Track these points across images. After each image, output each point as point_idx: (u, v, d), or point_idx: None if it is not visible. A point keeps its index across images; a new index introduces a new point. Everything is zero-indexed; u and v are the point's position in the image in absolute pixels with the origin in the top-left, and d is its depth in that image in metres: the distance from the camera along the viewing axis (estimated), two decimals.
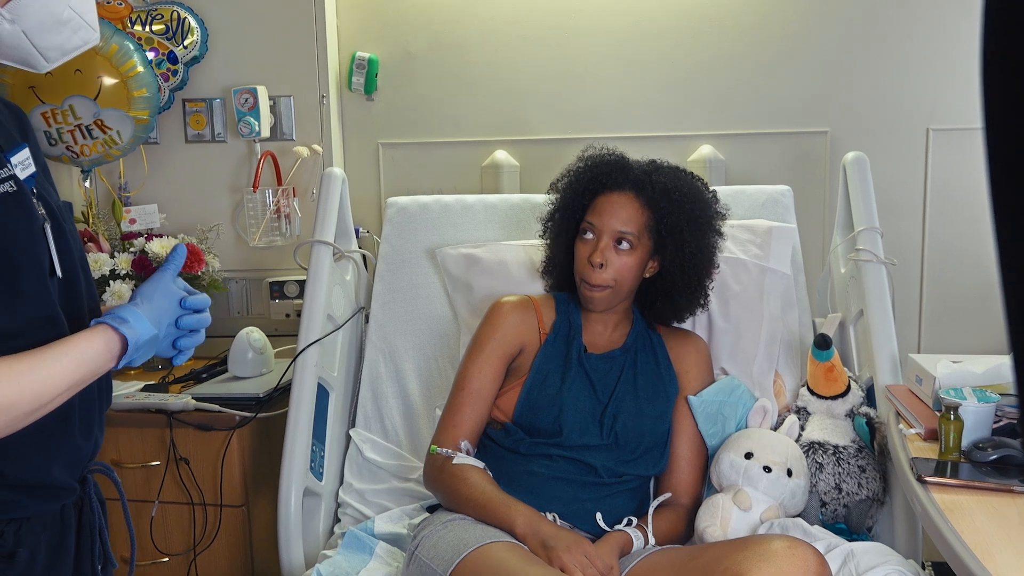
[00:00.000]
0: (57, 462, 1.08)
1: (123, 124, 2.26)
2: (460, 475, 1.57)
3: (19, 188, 1.03)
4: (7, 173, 1.02)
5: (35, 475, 1.05)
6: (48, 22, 1.04)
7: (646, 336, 1.75)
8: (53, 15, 1.04)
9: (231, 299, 2.54)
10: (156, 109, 2.34)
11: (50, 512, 1.09)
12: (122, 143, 2.29)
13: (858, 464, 1.64)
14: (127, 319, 1.06)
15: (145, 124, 2.32)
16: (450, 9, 2.44)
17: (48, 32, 1.05)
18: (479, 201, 2.12)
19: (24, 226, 1.03)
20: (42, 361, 0.99)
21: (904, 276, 2.31)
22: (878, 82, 2.35)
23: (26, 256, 1.03)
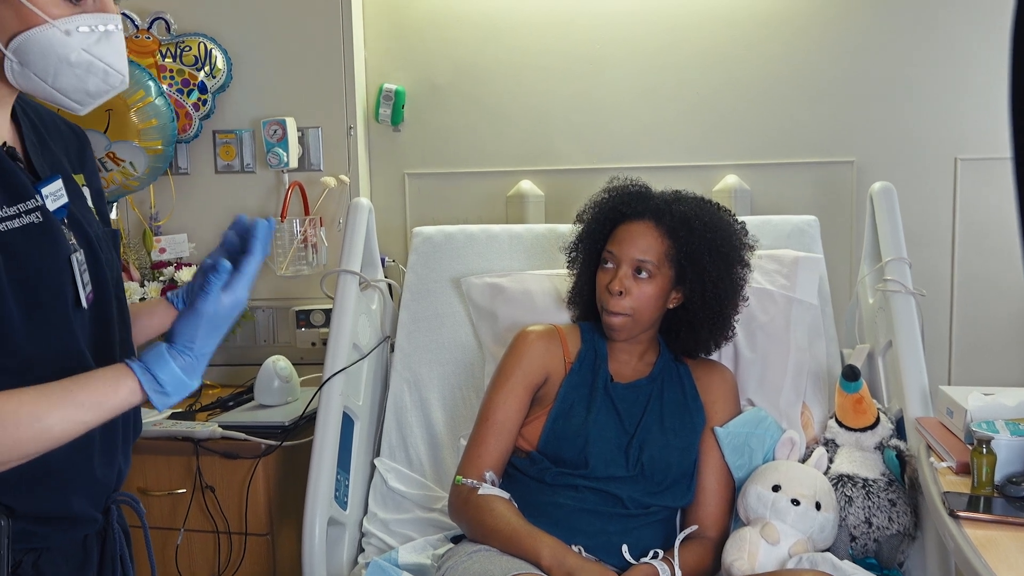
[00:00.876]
0: (75, 495, 1.07)
1: (135, 155, 2.28)
2: (485, 506, 1.56)
3: (46, 219, 1.03)
4: (34, 204, 1.03)
5: (51, 508, 1.05)
6: (56, 64, 1.02)
7: (673, 366, 1.75)
8: (59, 58, 1.02)
9: (258, 328, 2.56)
10: (171, 139, 2.36)
11: (71, 542, 1.08)
12: (138, 173, 2.31)
13: (888, 498, 1.61)
14: (159, 381, 0.99)
15: (160, 154, 2.34)
16: (475, 41, 2.47)
17: (60, 75, 1.03)
18: (504, 231, 2.13)
19: (49, 257, 1.03)
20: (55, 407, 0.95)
21: (933, 307, 2.29)
22: (905, 111, 2.35)
23: (49, 287, 1.02)
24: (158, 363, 0.99)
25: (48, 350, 1.02)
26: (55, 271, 1.03)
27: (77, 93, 1.06)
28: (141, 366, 0.99)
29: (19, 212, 1.00)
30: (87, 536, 1.11)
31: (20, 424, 0.92)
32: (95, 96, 1.07)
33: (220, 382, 2.51)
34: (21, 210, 1.00)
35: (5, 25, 1.00)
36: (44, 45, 1.01)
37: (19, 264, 0.99)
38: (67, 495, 1.06)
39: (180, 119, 2.42)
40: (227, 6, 2.47)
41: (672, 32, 2.40)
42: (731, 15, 2.38)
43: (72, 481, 1.06)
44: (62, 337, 1.04)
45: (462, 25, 2.47)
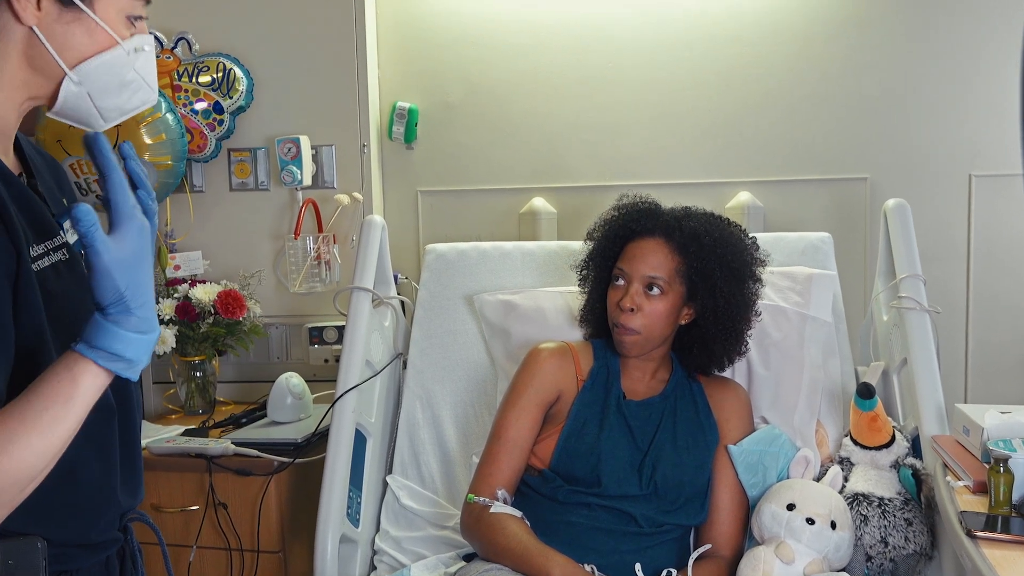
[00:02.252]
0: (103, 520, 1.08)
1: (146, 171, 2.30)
2: (497, 525, 1.56)
3: (71, 255, 1.03)
4: (60, 241, 1.02)
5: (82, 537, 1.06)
6: (113, 84, 1.04)
7: (686, 384, 1.74)
8: (118, 78, 1.04)
9: (271, 344, 2.57)
10: (181, 155, 2.37)
11: (97, 563, 1.10)
12: None
13: (904, 517, 1.60)
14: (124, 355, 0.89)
15: (170, 170, 2.34)
16: (488, 60, 2.49)
17: (111, 94, 1.05)
18: (517, 248, 2.14)
19: (77, 292, 1.02)
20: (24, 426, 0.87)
21: (948, 324, 2.27)
22: (918, 128, 2.34)
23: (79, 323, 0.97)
24: (105, 336, 0.88)
25: None
26: (82, 306, 1.00)
27: (114, 111, 1.07)
28: (87, 346, 0.89)
29: (47, 250, 0.99)
30: (109, 557, 1.12)
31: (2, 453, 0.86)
32: (128, 113, 1.09)
33: (233, 399, 2.52)
34: (48, 247, 0.99)
35: (76, 47, 1.00)
36: (111, 66, 1.02)
37: (54, 304, 0.98)
38: (97, 523, 1.07)
39: (195, 138, 2.44)
40: (245, 26, 2.50)
41: (684, 50, 2.41)
42: (743, 33, 2.38)
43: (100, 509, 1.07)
44: None
45: (475, 44, 2.49)
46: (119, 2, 1.02)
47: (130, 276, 0.89)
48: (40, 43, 0.99)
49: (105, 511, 1.08)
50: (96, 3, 1.00)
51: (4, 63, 0.99)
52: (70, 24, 1.00)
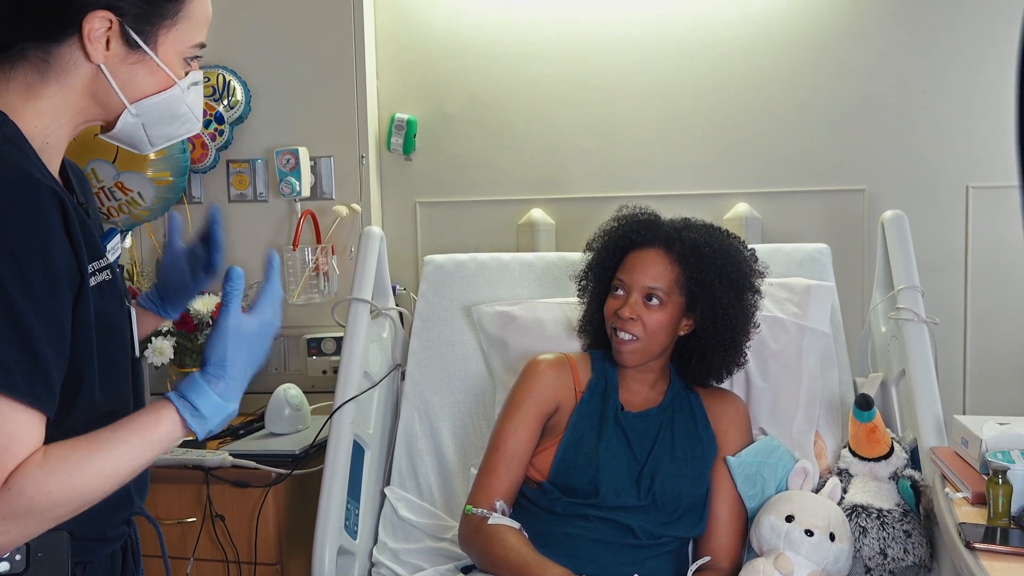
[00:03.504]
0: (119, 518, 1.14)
1: (143, 186, 2.29)
2: (495, 536, 1.55)
3: (113, 276, 1.08)
4: (106, 262, 1.06)
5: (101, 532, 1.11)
6: (166, 117, 1.11)
7: (684, 395, 1.74)
8: (172, 112, 1.11)
9: (269, 355, 2.56)
10: (181, 170, 2.36)
11: (106, 555, 1.15)
12: (146, 204, 2.31)
13: (903, 529, 1.59)
14: (199, 409, 0.99)
15: (169, 185, 2.34)
16: (486, 71, 2.50)
17: (163, 125, 1.11)
18: (515, 259, 2.14)
19: (117, 312, 1.08)
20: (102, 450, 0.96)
21: (947, 335, 2.27)
22: (916, 140, 2.35)
23: (119, 342, 1.08)
24: (193, 390, 1.00)
25: (115, 404, 1.07)
26: (122, 325, 1.08)
27: (162, 139, 1.14)
28: (177, 395, 1.00)
29: (95, 270, 1.03)
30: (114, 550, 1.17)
31: (73, 470, 0.93)
32: (172, 140, 1.15)
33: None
34: (95, 268, 1.03)
35: (139, 86, 1.07)
36: (167, 103, 1.09)
37: (100, 322, 1.02)
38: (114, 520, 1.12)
39: (196, 149, 2.45)
40: (244, 38, 2.51)
41: (683, 61, 2.42)
42: (742, 44, 2.39)
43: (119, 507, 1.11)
44: (125, 390, 1.10)
45: (473, 55, 2.50)
46: (179, 45, 1.08)
47: (239, 350, 1.02)
48: (105, 80, 1.05)
49: (122, 510, 1.13)
50: (159, 47, 1.06)
51: (69, 93, 1.05)
52: (134, 65, 1.06)
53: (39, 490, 0.91)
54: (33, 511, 0.92)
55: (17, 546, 0.97)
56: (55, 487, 0.92)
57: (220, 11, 2.50)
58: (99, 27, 1.02)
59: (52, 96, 1.03)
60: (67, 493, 0.93)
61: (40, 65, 1.03)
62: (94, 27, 1.01)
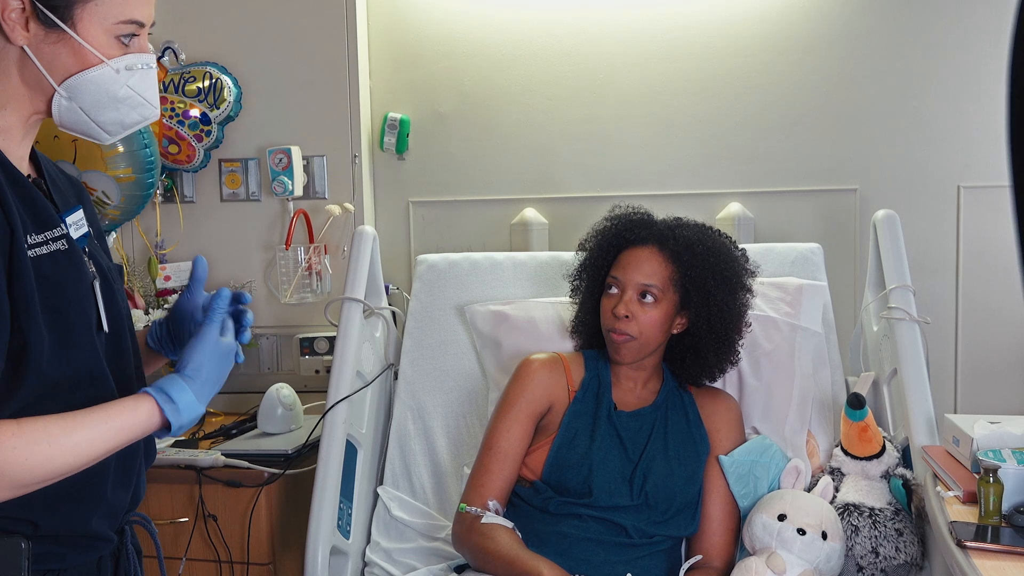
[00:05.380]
0: (95, 514, 1.10)
1: (106, 184, 2.21)
2: (488, 534, 1.55)
3: (71, 247, 1.09)
4: (60, 232, 1.08)
5: (71, 526, 1.08)
6: (104, 100, 1.10)
7: (677, 395, 1.74)
8: (108, 94, 1.10)
9: (261, 355, 2.56)
10: (146, 166, 2.27)
11: (87, 563, 1.11)
12: (114, 203, 2.24)
13: (895, 527, 1.60)
14: (175, 401, 1.07)
15: (134, 182, 2.24)
16: (479, 71, 2.50)
17: (104, 109, 1.11)
18: (508, 259, 2.14)
19: (75, 283, 1.08)
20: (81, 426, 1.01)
21: (938, 335, 2.28)
22: (907, 140, 2.36)
23: (76, 311, 1.08)
24: (172, 387, 1.08)
25: (76, 373, 1.07)
26: (80, 296, 1.09)
27: (114, 125, 1.13)
28: (157, 389, 1.08)
29: (47, 239, 1.05)
30: (102, 557, 1.14)
31: (52, 442, 0.98)
32: (129, 127, 1.15)
33: (223, 410, 2.50)
34: (48, 237, 1.05)
35: (62, 65, 1.07)
36: (98, 83, 1.09)
37: (49, 289, 1.03)
38: (87, 515, 1.09)
39: (182, 149, 2.44)
40: (235, 36, 2.50)
41: (675, 61, 2.42)
42: (734, 44, 2.40)
43: (90, 501, 1.09)
44: (88, 360, 1.09)
45: (466, 55, 2.50)
46: (103, 22, 1.08)
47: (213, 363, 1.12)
48: (31, 61, 1.06)
49: (95, 504, 1.10)
50: (78, 24, 1.06)
51: (6, 78, 1.07)
52: (56, 44, 1.07)
53: (14, 457, 0.95)
54: (4, 477, 0.95)
55: None
56: (31, 455, 0.96)
57: (212, 9, 2.52)
58: (13, 7, 1.04)
59: None
60: (42, 463, 0.97)
61: None
62: (8, 7, 1.03)
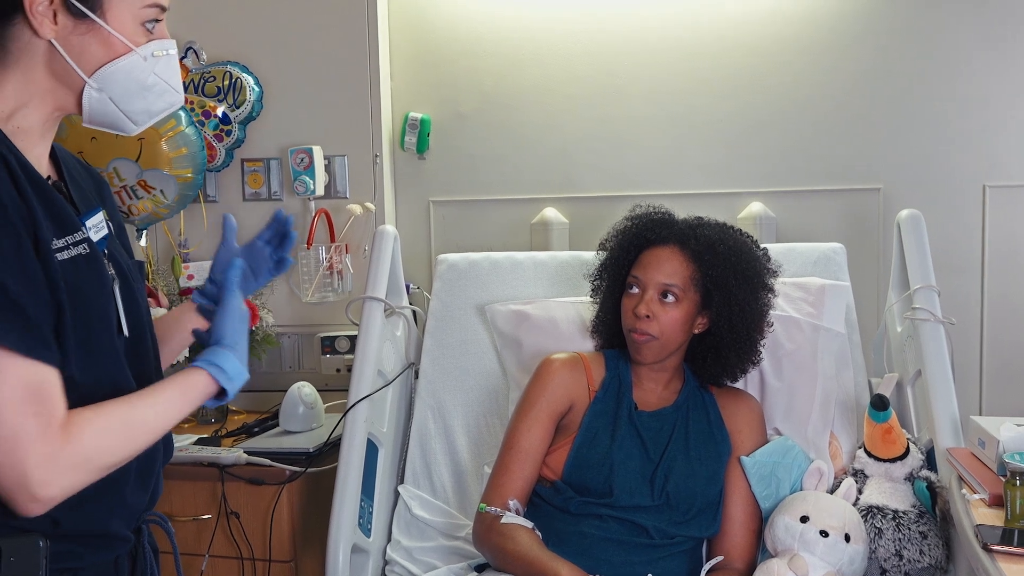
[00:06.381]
0: (115, 514, 1.10)
1: (166, 183, 2.33)
2: (508, 534, 1.56)
3: (92, 250, 1.08)
4: (81, 236, 1.07)
5: (91, 525, 1.08)
6: (133, 89, 1.10)
7: (698, 395, 1.73)
8: (138, 82, 1.10)
9: (283, 354, 2.57)
10: (200, 167, 2.40)
11: (104, 563, 1.11)
12: (168, 201, 2.36)
13: (919, 530, 1.59)
14: (226, 370, 1.12)
15: (190, 182, 2.38)
16: (500, 70, 2.50)
17: (134, 98, 1.10)
18: (529, 258, 2.14)
19: (96, 286, 1.08)
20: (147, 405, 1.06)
21: (963, 335, 2.26)
22: (932, 138, 2.33)
23: (98, 317, 1.07)
24: (219, 357, 1.13)
25: (99, 379, 1.06)
26: (102, 300, 1.09)
27: (142, 115, 1.13)
28: (206, 361, 1.12)
29: (67, 244, 1.04)
30: (118, 557, 1.13)
31: (124, 423, 1.03)
32: (156, 115, 1.15)
33: (245, 408, 2.52)
34: (69, 242, 1.05)
35: (92, 56, 1.06)
36: (128, 71, 1.08)
37: (72, 294, 1.03)
38: (107, 515, 1.10)
39: (205, 148, 2.46)
40: (257, 36, 2.51)
41: (696, 60, 2.41)
42: (756, 43, 2.38)
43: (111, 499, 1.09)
44: (111, 366, 1.09)
45: (487, 54, 2.50)
46: (132, 10, 1.07)
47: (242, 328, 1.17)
48: (60, 54, 1.05)
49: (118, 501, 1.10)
50: (107, 13, 1.06)
51: (30, 75, 1.06)
52: (85, 35, 1.06)
53: (97, 443, 0.99)
54: (92, 460, 0.99)
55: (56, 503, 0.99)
56: (110, 439, 1.01)
57: (235, 8, 2.53)
58: (41, 1, 1.03)
59: (14, 79, 1.05)
60: (120, 444, 1.02)
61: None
62: (35, 1, 1.02)
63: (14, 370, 0.94)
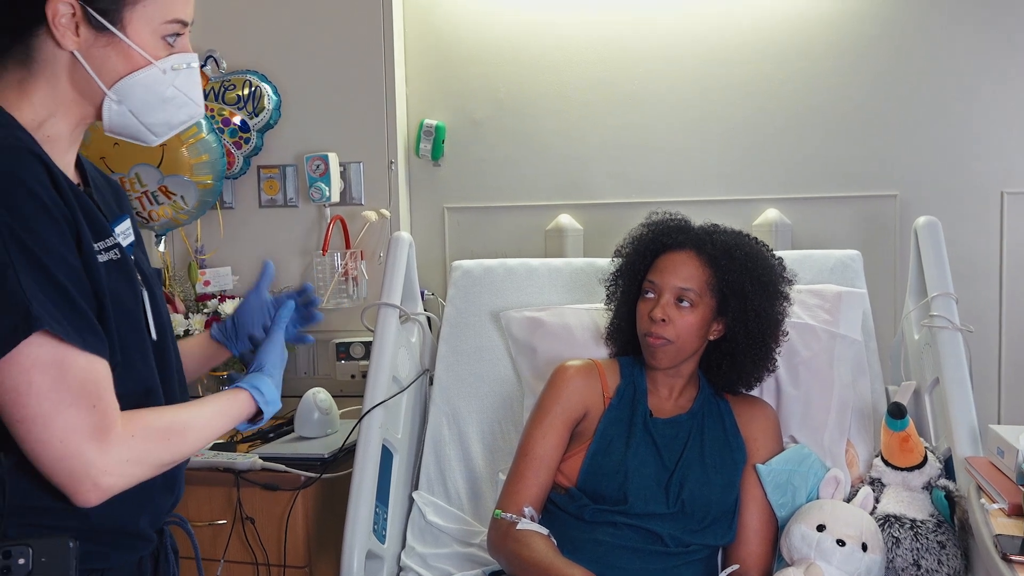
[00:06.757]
0: (144, 511, 1.13)
1: (187, 190, 2.35)
2: (523, 541, 1.55)
3: (122, 256, 1.10)
4: (112, 242, 1.10)
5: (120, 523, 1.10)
6: (152, 101, 1.12)
7: (713, 402, 1.73)
8: (157, 95, 1.12)
9: (298, 360, 2.58)
10: (220, 174, 2.42)
11: (129, 563, 1.13)
12: (188, 207, 2.38)
13: (937, 540, 1.57)
14: (264, 393, 1.21)
15: (210, 189, 2.40)
16: (515, 78, 2.50)
17: (153, 110, 1.12)
18: (543, 265, 2.14)
19: (129, 293, 1.10)
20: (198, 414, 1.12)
21: (981, 343, 2.24)
22: (949, 144, 2.32)
23: (131, 322, 1.10)
24: (260, 382, 1.22)
25: (132, 379, 1.09)
26: (133, 306, 1.11)
27: (161, 126, 1.15)
28: (249, 384, 1.21)
29: (100, 249, 1.07)
30: (142, 558, 1.15)
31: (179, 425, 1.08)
32: (176, 127, 1.17)
33: None
34: (101, 247, 1.07)
35: (112, 68, 1.09)
36: (146, 84, 1.10)
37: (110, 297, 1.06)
38: (138, 512, 1.12)
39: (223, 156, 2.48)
40: (275, 45, 2.53)
41: (711, 66, 2.41)
42: (770, 49, 2.38)
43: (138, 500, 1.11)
44: (142, 367, 1.12)
45: (501, 62, 2.51)
46: (151, 23, 1.09)
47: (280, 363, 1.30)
48: (82, 66, 1.07)
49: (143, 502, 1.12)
50: (128, 27, 1.08)
51: (56, 85, 1.08)
52: (105, 48, 1.08)
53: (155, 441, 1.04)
54: (151, 455, 1.04)
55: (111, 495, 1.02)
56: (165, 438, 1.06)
57: (254, 18, 2.55)
58: (63, 13, 1.05)
59: (42, 90, 1.08)
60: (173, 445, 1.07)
61: (25, 61, 1.07)
62: (58, 13, 1.05)
63: (74, 363, 0.98)
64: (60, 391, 0.97)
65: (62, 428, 0.97)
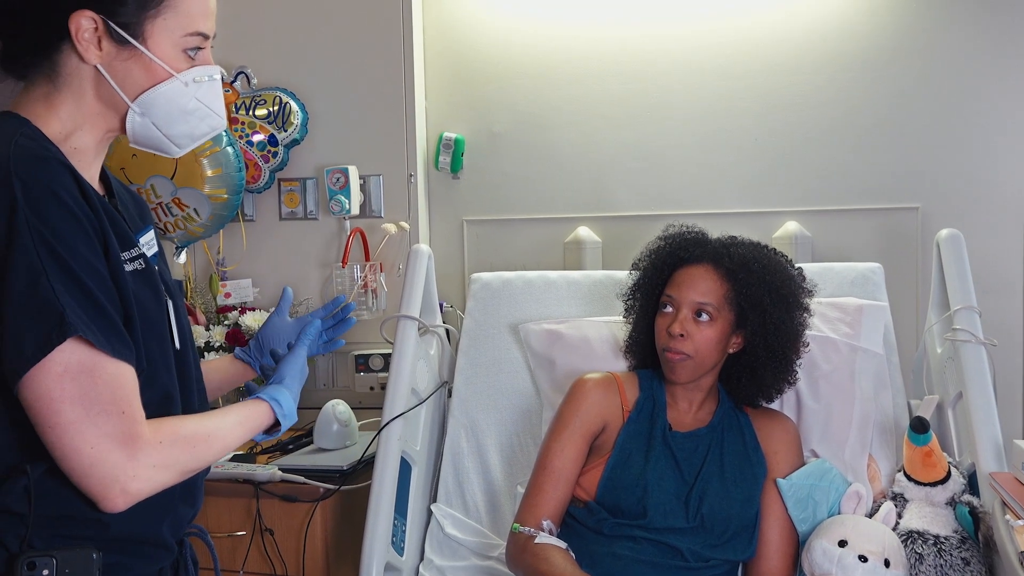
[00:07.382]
0: (165, 519, 1.14)
1: (199, 202, 2.35)
2: (541, 555, 1.55)
3: (147, 266, 1.12)
4: (137, 252, 1.11)
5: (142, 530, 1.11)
6: (175, 113, 1.13)
7: (733, 416, 1.72)
8: (179, 107, 1.13)
9: (317, 372, 2.59)
10: (237, 188, 2.41)
11: (150, 574, 1.14)
12: (201, 220, 2.37)
13: (962, 556, 1.55)
14: (283, 405, 1.24)
15: (224, 203, 2.39)
16: (533, 91, 2.51)
17: (176, 122, 1.14)
18: (562, 277, 2.14)
19: (154, 302, 1.12)
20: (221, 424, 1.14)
21: (1005, 357, 2.22)
22: (971, 157, 2.30)
23: (156, 331, 1.12)
24: (279, 394, 1.25)
25: (156, 393, 1.11)
26: (158, 315, 1.13)
27: (184, 138, 1.17)
28: (268, 395, 1.24)
29: (126, 259, 1.09)
30: (162, 569, 1.16)
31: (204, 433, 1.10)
32: (198, 139, 1.19)
33: None
34: (127, 257, 1.09)
35: (135, 82, 1.11)
36: (169, 97, 1.12)
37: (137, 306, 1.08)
38: (159, 520, 1.13)
39: (250, 170, 2.50)
40: (299, 60, 2.55)
41: (730, 79, 2.41)
42: (791, 62, 2.37)
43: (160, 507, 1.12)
44: (165, 375, 1.13)
45: (520, 75, 2.51)
46: (171, 36, 1.11)
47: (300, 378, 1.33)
48: (106, 79, 1.09)
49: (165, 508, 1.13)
50: (149, 40, 1.09)
51: (81, 98, 1.10)
52: (128, 61, 1.10)
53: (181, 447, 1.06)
54: (177, 461, 1.06)
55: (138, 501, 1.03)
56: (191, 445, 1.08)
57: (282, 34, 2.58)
58: (86, 27, 1.07)
59: (67, 103, 1.10)
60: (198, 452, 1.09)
61: (51, 75, 1.09)
62: (81, 28, 1.07)
63: (105, 370, 0.99)
64: (91, 397, 0.98)
65: (94, 434, 0.98)
